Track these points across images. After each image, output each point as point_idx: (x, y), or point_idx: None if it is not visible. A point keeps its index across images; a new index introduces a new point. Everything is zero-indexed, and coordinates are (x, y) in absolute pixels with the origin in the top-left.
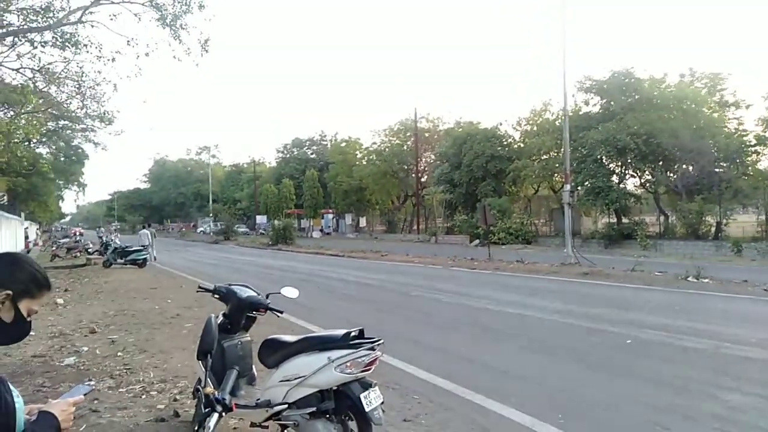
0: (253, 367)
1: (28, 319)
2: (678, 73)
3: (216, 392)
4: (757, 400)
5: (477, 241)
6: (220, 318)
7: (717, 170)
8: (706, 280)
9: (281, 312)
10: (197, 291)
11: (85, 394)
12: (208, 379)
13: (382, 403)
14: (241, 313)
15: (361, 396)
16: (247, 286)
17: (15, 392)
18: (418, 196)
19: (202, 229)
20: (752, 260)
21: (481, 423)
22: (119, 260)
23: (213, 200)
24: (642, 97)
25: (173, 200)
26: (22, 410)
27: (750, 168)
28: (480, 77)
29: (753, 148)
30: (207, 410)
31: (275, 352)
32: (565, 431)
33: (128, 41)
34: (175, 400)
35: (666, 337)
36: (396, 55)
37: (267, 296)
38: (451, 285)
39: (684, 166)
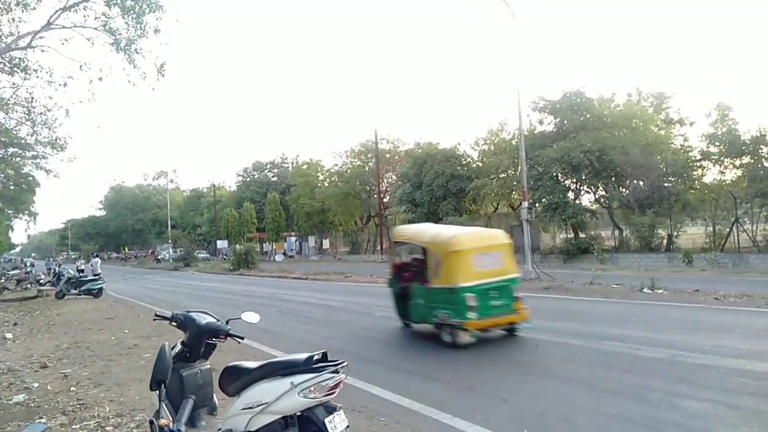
0: (214, 396)
1: None
2: (626, 92)
3: (171, 424)
4: (714, 407)
5: None
6: (179, 346)
7: (666, 185)
8: (661, 291)
9: (242, 338)
10: (154, 319)
11: None
12: (164, 410)
13: (348, 426)
14: (200, 340)
15: (326, 420)
16: (206, 313)
17: None
18: (381, 216)
19: (161, 255)
20: (702, 270)
21: None
22: (73, 291)
23: (172, 226)
24: (593, 116)
25: (130, 227)
26: None
27: (696, 182)
28: (438, 99)
29: (698, 163)
30: None
31: (236, 380)
32: None
33: (80, 66)
34: None
35: (625, 348)
36: (355, 79)
37: (227, 322)
38: None
39: (635, 182)
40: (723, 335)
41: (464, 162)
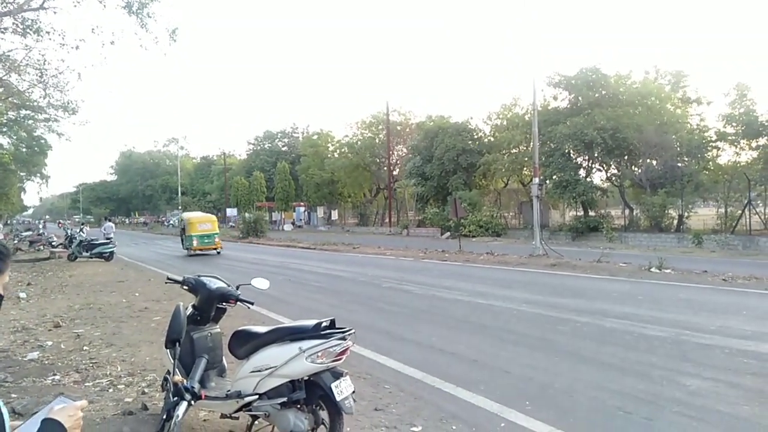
0: (224, 358)
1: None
2: (643, 69)
3: (184, 381)
4: (715, 385)
5: (448, 234)
6: (190, 309)
7: (679, 165)
8: (669, 271)
9: (251, 303)
10: (166, 282)
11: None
12: (176, 368)
13: (353, 392)
14: (210, 304)
15: (332, 385)
16: (216, 277)
17: None
18: (390, 189)
19: (171, 221)
20: (712, 251)
21: (451, 411)
22: (85, 253)
23: (182, 193)
24: (608, 93)
25: (141, 193)
26: (8, 419)
27: (710, 163)
28: (452, 72)
29: (713, 144)
30: (175, 399)
31: (246, 343)
32: (533, 417)
33: (93, 29)
34: (144, 393)
35: (629, 326)
36: (369, 49)
37: (237, 287)
38: (423, 277)
39: (648, 161)
40: (729, 316)
41: (476, 136)
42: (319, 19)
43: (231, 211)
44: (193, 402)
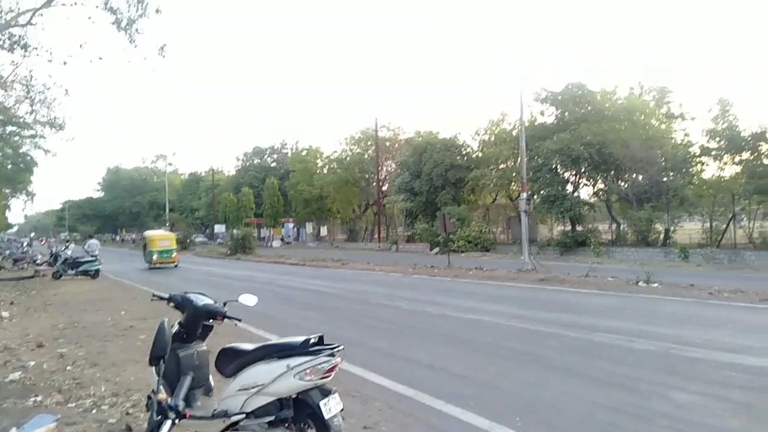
0: (210, 377)
1: None
2: (628, 86)
3: (169, 399)
4: (703, 399)
5: (437, 249)
6: (176, 327)
7: (665, 179)
8: (656, 285)
9: (239, 320)
10: (152, 299)
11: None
12: (161, 386)
13: (342, 410)
14: (197, 321)
15: (321, 403)
16: (203, 294)
17: None
18: (379, 204)
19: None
20: (698, 265)
21: (441, 428)
22: (70, 271)
23: (170, 209)
24: (594, 109)
25: (128, 209)
26: None
27: (695, 177)
28: (440, 88)
29: (698, 159)
30: (159, 418)
31: (233, 361)
32: None
33: (81, 45)
34: (128, 413)
35: (618, 340)
36: (357, 66)
37: (224, 304)
38: (412, 292)
39: (634, 176)
40: (715, 330)
41: (464, 152)
42: (308, 35)
43: (219, 228)
44: (177, 421)
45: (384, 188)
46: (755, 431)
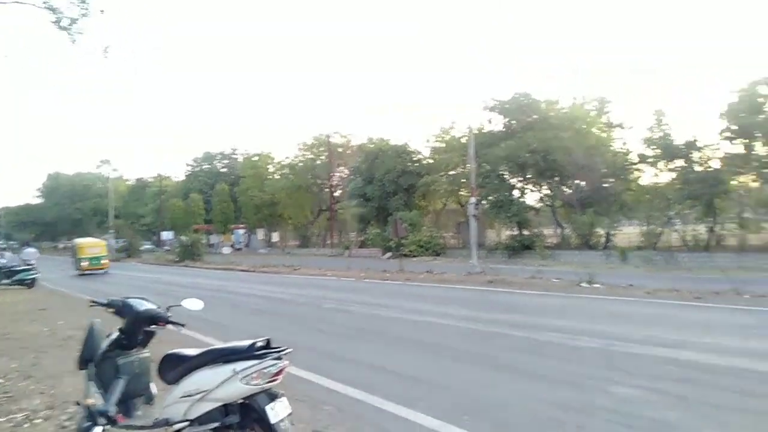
0: (153, 385)
1: None
2: (571, 95)
3: (97, 404)
4: (642, 392)
5: (389, 254)
6: (115, 334)
7: (606, 185)
8: (598, 286)
9: (183, 325)
10: (90, 306)
11: None
12: (91, 390)
13: (290, 414)
14: (138, 327)
15: (268, 407)
16: (145, 299)
17: None
18: (331, 210)
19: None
20: (636, 267)
21: (391, 429)
22: (4, 281)
23: (114, 216)
24: (540, 117)
25: (69, 217)
26: None
27: (633, 183)
28: (391, 95)
29: (635, 166)
30: (88, 424)
31: (176, 367)
32: (471, 431)
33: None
34: (63, 427)
35: (562, 338)
36: (308, 72)
37: (167, 309)
38: (364, 296)
39: (577, 182)
40: (653, 327)
41: (415, 158)
42: (259, 40)
43: (167, 235)
44: (107, 426)
45: (336, 194)
46: (691, 421)
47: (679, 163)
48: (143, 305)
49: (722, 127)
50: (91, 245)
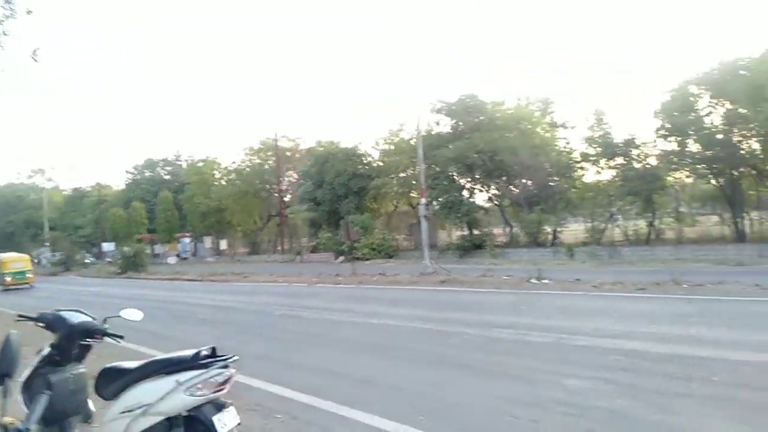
0: (90, 402)
1: None
2: (515, 97)
3: (15, 422)
4: (593, 383)
5: (342, 258)
6: (47, 349)
7: (551, 184)
8: (547, 281)
9: (121, 337)
10: (17, 320)
11: None
12: (7, 407)
13: (239, 424)
14: (72, 341)
15: (215, 418)
16: (80, 311)
17: None
18: (281, 215)
19: (37, 261)
20: (583, 262)
21: None
22: None
23: (50, 228)
24: (486, 118)
25: (0, 230)
26: None
27: (577, 181)
28: (340, 98)
29: (579, 164)
30: None
31: (114, 381)
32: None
33: None
34: None
35: (514, 334)
36: (254, 75)
37: (104, 321)
38: (316, 301)
39: (524, 181)
40: (600, 319)
41: (365, 161)
42: (204, 42)
43: (108, 246)
44: None
45: (286, 199)
46: (639, 409)
47: (620, 160)
48: (77, 318)
49: (657, 126)
50: (15, 260)
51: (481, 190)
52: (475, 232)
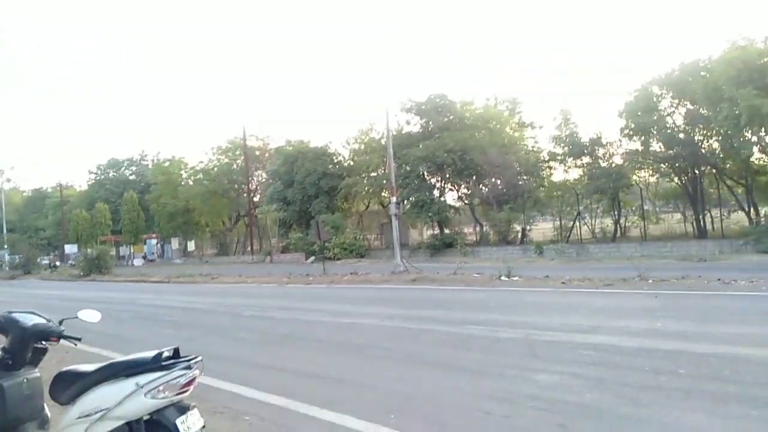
0: (45, 407)
1: None
2: (484, 96)
3: None
4: (562, 378)
5: (313, 258)
6: None
7: (520, 183)
8: (516, 278)
9: (78, 339)
10: None
11: None
12: None
13: (204, 427)
14: (25, 344)
15: (178, 422)
16: (34, 313)
17: None
18: (251, 215)
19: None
20: (551, 259)
21: None
22: None
23: (9, 230)
24: (456, 118)
25: None
26: None
27: (545, 180)
28: (309, 97)
29: (546, 163)
30: None
31: (71, 385)
32: (398, 430)
33: None
34: None
35: (485, 331)
36: (221, 74)
37: (60, 322)
38: (286, 302)
39: (493, 180)
40: (569, 314)
41: (336, 160)
42: (170, 40)
43: (70, 248)
44: None
45: (255, 198)
46: (608, 402)
47: (586, 159)
48: (31, 320)
49: (622, 125)
50: None
51: (451, 189)
52: (446, 231)
